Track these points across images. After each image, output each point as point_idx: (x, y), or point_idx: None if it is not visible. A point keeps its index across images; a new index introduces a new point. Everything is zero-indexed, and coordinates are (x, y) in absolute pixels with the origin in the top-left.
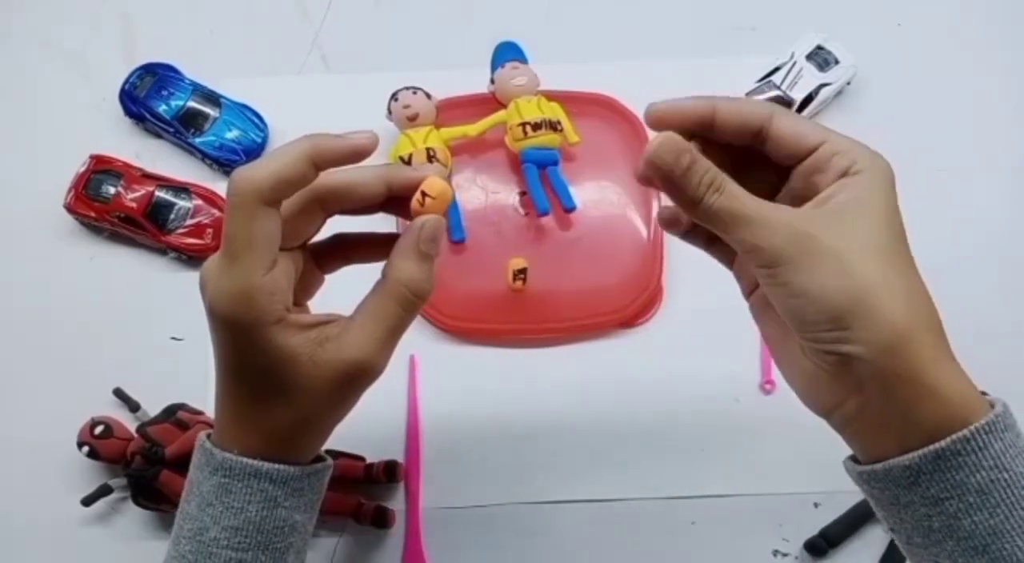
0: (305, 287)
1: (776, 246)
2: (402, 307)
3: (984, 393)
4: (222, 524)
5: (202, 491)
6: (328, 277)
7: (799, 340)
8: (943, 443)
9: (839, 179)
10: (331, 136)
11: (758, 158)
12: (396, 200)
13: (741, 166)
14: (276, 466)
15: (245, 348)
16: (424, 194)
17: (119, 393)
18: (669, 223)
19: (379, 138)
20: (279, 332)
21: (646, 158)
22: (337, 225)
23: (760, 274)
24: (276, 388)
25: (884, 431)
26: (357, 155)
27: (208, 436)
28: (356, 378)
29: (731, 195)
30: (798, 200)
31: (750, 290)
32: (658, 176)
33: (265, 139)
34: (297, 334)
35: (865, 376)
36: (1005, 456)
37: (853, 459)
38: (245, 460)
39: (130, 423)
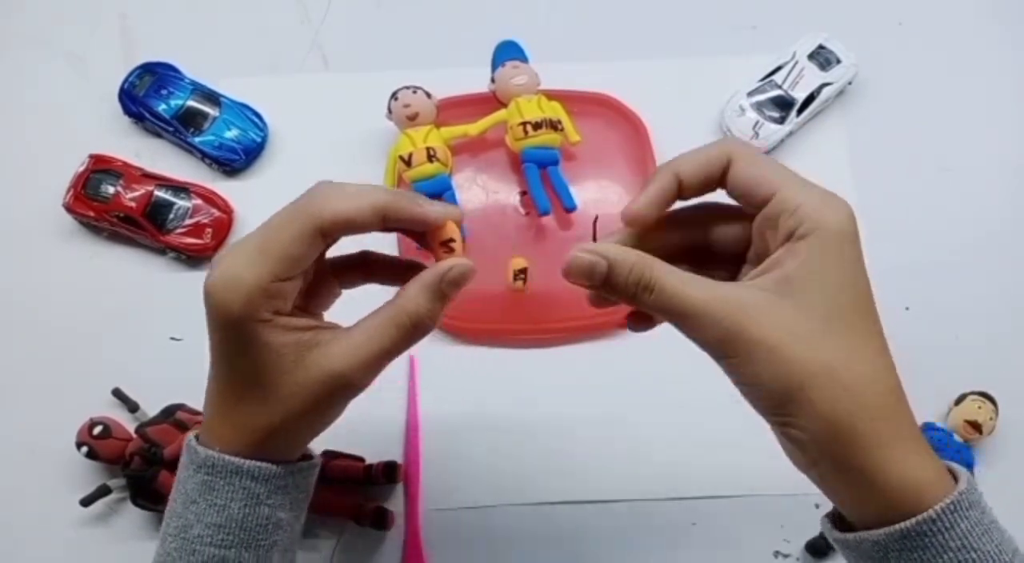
0: (321, 299)
1: (715, 341)
2: (399, 334)
3: (949, 468)
4: (205, 521)
5: (186, 488)
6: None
7: None
8: (909, 523)
9: (787, 242)
10: (408, 198)
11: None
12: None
13: (713, 220)
14: (257, 464)
15: (232, 340)
16: (444, 245)
17: (118, 393)
18: (637, 323)
19: (453, 216)
20: (268, 330)
21: (564, 275)
22: None
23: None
24: (257, 385)
25: (845, 504)
26: (425, 226)
27: (196, 436)
28: (335, 390)
29: (662, 291)
30: (760, 255)
31: None
32: (586, 287)
33: (265, 138)
34: (286, 334)
35: (815, 455)
36: (972, 535)
37: (831, 519)
38: (227, 457)
39: (129, 423)
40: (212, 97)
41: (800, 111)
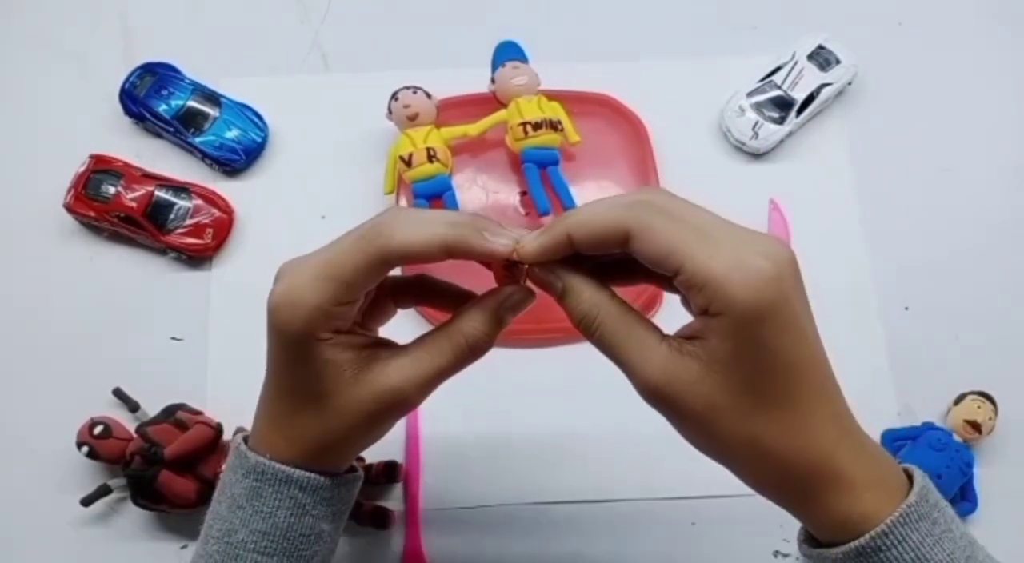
0: (378, 317)
1: (646, 398)
2: (455, 355)
3: (906, 471)
4: (250, 527)
5: (233, 493)
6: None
7: None
8: (862, 540)
9: (701, 315)
10: (475, 232)
11: None
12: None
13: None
14: (307, 474)
15: (292, 355)
16: (506, 270)
17: (118, 393)
18: None
19: (517, 247)
20: (327, 348)
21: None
22: None
23: None
24: (314, 398)
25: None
26: (492, 259)
27: (245, 439)
28: (390, 406)
29: (603, 336)
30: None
31: None
32: None
33: (265, 139)
34: (345, 352)
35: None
36: (923, 546)
37: (804, 532)
38: (277, 465)
39: (129, 423)
40: (212, 97)
41: (800, 111)
